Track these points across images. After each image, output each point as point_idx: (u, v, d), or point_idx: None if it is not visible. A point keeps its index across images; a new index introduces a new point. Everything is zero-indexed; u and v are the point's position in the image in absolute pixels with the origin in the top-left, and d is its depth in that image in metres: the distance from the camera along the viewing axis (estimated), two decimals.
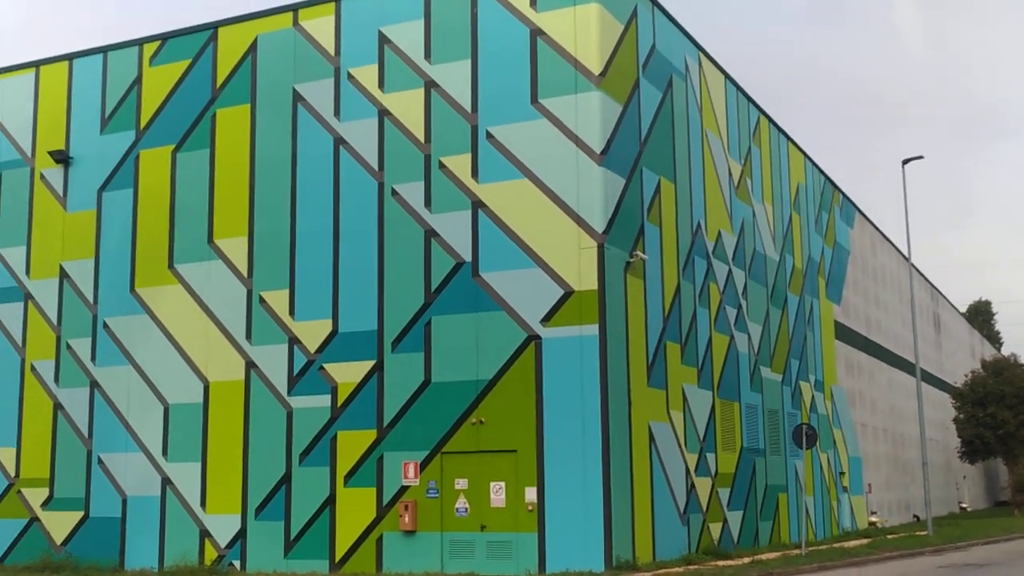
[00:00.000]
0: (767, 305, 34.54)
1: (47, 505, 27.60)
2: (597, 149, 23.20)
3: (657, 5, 27.14)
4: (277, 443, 25.09)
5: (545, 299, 23.06)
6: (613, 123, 23.91)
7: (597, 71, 23.45)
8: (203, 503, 25.70)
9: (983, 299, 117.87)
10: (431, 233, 24.31)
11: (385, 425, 24.08)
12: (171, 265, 27.14)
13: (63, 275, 28.46)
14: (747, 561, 24.82)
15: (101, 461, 27.10)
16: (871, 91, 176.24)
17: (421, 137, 24.78)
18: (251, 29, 27.18)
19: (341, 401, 24.63)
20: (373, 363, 24.41)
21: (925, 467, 39.18)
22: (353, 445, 24.30)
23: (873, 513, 45.00)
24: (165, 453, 26.36)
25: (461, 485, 23.24)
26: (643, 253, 24.71)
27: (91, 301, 27.99)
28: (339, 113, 25.78)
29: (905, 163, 40.49)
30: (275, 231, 26.04)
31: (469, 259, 23.86)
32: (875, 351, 50.19)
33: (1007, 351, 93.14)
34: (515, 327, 23.18)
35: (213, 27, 27.74)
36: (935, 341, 68.03)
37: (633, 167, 24.88)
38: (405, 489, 23.66)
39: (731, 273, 31.29)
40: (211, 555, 25.29)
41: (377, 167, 25.16)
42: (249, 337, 25.90)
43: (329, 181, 25.63)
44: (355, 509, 24.04)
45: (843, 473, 41.35)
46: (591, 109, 23.37)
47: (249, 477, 25.28)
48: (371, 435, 24.17)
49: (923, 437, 39.58)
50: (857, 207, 49.14)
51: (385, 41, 25.52)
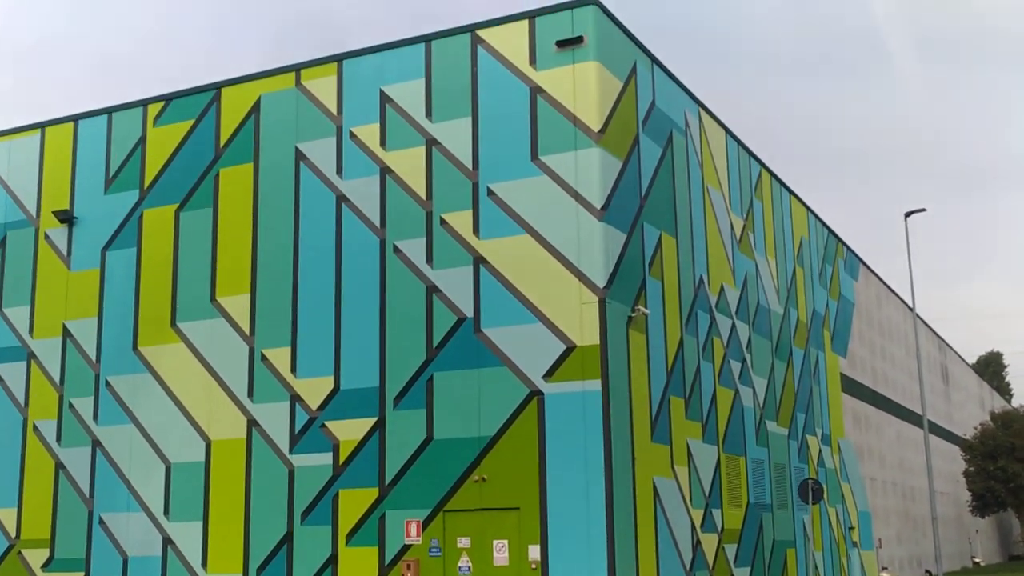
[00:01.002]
0: (772, 358, 34.42)
1: (48, 566, 27.39)
2: (597, 204, 23.28)
3: (656, 61, 27.37)
4: (279, 502, 24.93)
5: (547, 354, 23.01)
6: (613, 179, 24.02)
7: (597, 128, 23.61)
8: (204, 563, 25.49)
9: (994, 351, 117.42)
10: (432, 289, 24.35)
11: (387, 483, 23.94)
12: (174, 323, 27.19)
13: (66, 334, 28.51)
14: None
15: (102, 521, 26.94)
16: (874, 142, 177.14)
17: (423, 194, 24.91)
18: (254, 89, 27.47)
19: (343, 459, 24.52)
20: (375, 420, 24.33)
21: (935, 521, 38.82)
22: (355, 503, 24.14)
23: (884, 568, 44.45)
24: (167, 512, 26.20)
25: (464, 543, 23.03)
26: (645, 308, 24.69)
27: (94, 360, 28.01)
28: (341, 171, 25.94)
29: (908, 215, 40.65)
30: (277, 288, 26.10)
31: (471, 315, 23.86)
32: (883, 404, 49.90)
33: (1017, 402, 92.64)
34: (517, 383, 23.12)
35: (217, 87, 28.03)
36: (943, 393, 67.67)
37: (634, 222, 24.94)
38: (407, 548, 23.45)
39: (735, 327, 31.23)
40: None
41: (379, 224, 25.27)
42: (251, 395, 25.86)
43: (331, 238, 25.73)
44: (357, 568, 23.82)
45: (852, 528, 40.92)
46: (591, 165, 23.48)
47: (251, 536, 25.09)
48: (373, 493, 24.02)
49: (932, 491, 39.23)
50: (861, 259, 49.15)
51: (387, 100, 25.75)
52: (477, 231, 24.17)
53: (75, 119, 29.93)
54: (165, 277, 27.56)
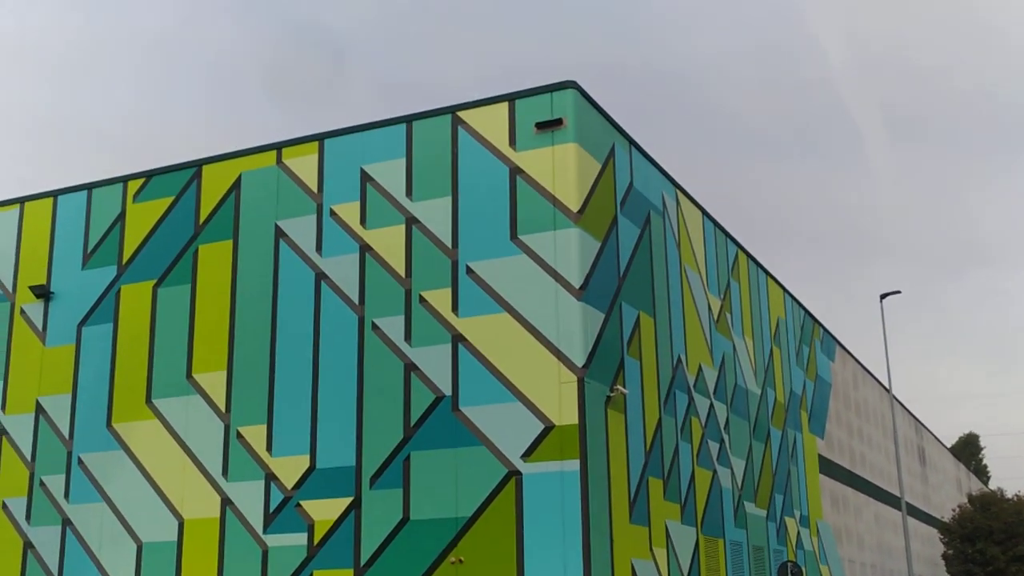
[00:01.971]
0: (750, 439, 34.36)
1: None
2: (576, 284, 23.39)
3: (633, 143, 27.74)
4: None
5: (525, 434, 22.90)
6: (592, 259, 24.16)
7: (575, 208, 23.81)
8: None
9: (972, 432, 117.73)
10: (411, 367, 24.28)
11: (363, 564, 23.60)
12: (148, 400, 26.95)
13: (39, 410, 28.19)
14: None
15: None
16: (848, 223, 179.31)
17: (402, 272, 24.97)
18: (235, 167, 27.61)
19: (318, 539, 24.18)
20: (351, 500, 24.06)
21: None
22: None
23: None
24: None
25: None
26: (624, 387, 24.67)
27: (67, 436, 27.67)
28: (321, 249, 26.00)
29: (883, 297, 40.98)
30: (254, 365, 25.96)
31: (449, 393, 23.77)
32: (860, 485, 49.77)
33: (995, 484, 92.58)
34: (495, 462, 22.96)
35: (198, 164, 28.17)
36: (921, 475, 67.62)
37: (612, 302, 25.04)
38: None
39: (713, 407, 31.22)
40: None
41: (358, 301, 25.27)
42: (225, 473, 25.56)
43: (309, 315, 25.69)
44: None
45: None
46: (570, 245, 23.64)
47: None
48: (348, 575, 23.64)
49: (911, 574, 38.97)
50: (838, 340, 49.40)
51: (367, 179, 25.92)
52: (456, 309, 24.20)
53: (54, 194, 29.95)
54: (141, 353, 27.38)
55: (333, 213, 26.09)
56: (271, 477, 25.01)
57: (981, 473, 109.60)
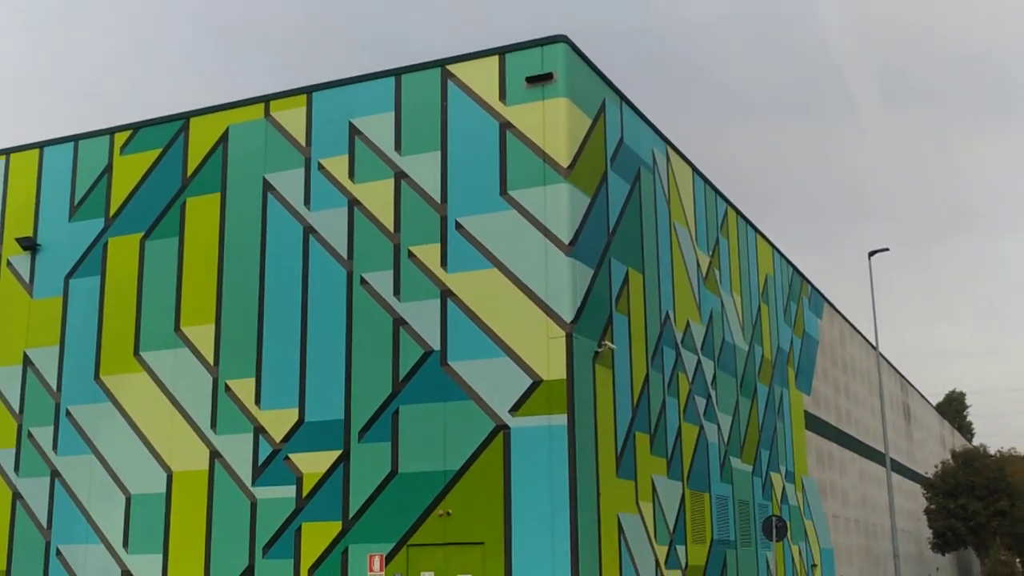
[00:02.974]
0: (737, 395, 34.56)
1: None
2: (565, 240, 23.38)
3: (624, 99, 27.60)
4: (240, 535, 24.66)
5: (513, 388, 22.99)
6: (581, 214, 24.13)
7: (565, 164, 23.74)
8: None
9: (957, 390, 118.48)
10: (399, 322, 24.30)
11: (351, 516, 23.75)
12: (136, 352, 26.94)
13: (27, 362, 28.16)
14: None
15: (60, 553, 26.52)
16: (839, 184, 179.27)
17: (390, 227, 24.91)
18: (223, 119, 27.41)
19: (306, 491, 24.31)
20: (339, 453, 24.16)
21: (897, 560, 38.99)
22: (318, 537, 23.92)
23: None
24: (126, 545, 25.84)
25: None
26: (612, 343, 24.75)
27: (54, 389, 27.67)
28: (309, 202, 25.91)
29: (871, 255, 41.09)
30: (242, 319, 25.95)
31: (438, 348, 23.81)
32: (846, 441, 50.18)
33: (978, 441, 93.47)
34: (483, 416, 23.07)
35: (185, 117, 27.95)
36: (905, 431, 68.18)
37: (601, 258, 25.04)
38: None
39: (700, 363, 31.35)
40: None
41: (346, 256, 25.22)
42: (214, 426, 25.63)
43: (298, 269, 25.64)
44: None
45: (815, 565, 41.00)
46: (559, 201, 23.60)
47: (211, 569, 24.76)
48: (336, 527, 23.81)
49: (894, 529, 39.46)
50: (826, 298, 49.57)
51: (356, 132, 25.78)
52: (445, 264, 24.18)
53: (40, 146, 29.72)
54: (129, 306, 27.33)
55: (321, 167, 25.97)
56: (260, 430, 25.09)
57: (965, 430, 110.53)
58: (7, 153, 30.16)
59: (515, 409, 22.85)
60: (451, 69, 25.09)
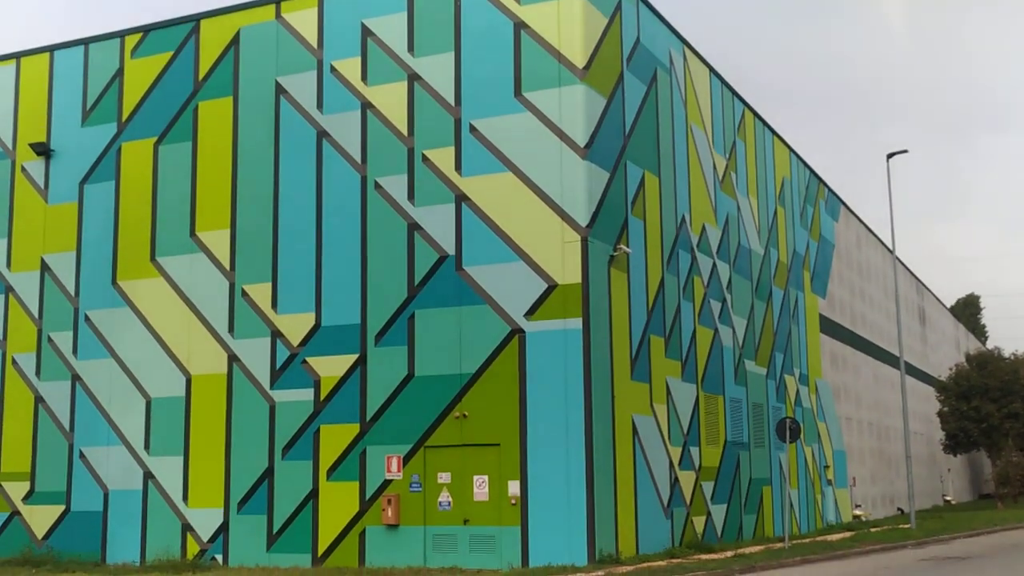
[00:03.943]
0: (752, 299, 34.57)
1: (28, 499, 27.46)
2: (581, 143, 23.16)
3: None
4: (260, 437, 25.01)
5: (529, 293, 23.02)
6: (597, 117, 23.86)
7: (581, 64, 23.40)
8: (185, 497, 25.61)
9: (972, 293, 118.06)
10: (414, 226, 24.24)
11: (368, 419, 24.03)
12: (153, 258, 27.02)
13: (44, 268, 28.30)
14: (730, 555, 24.85)
15: (83, 455, 26.98)
16: (857, 84, 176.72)
17: (404, 130, 24.70)
18: (233, 21, 27.05)
19: (324, 395, 24.57)
20: (356, 357, 24.35)
21: (909, 460, 39.32)
22: (336, 439, 24.25)
23: (857, 506, 45.13)
24: (147, 447, 26.25)
25: (444, 479, 23.21)
26: (627, 247, 24.69)
27: (72, 294, 27.85)
28: (322, 106, 25.67)
29: (890, 157, 40.56)
30: (258, 224, 25.94)
31: (453, 252, 23.80)
32: (860, 345, 50.31)
33: (992, 344, 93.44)
34: (499, 321, 23.15)
35: (195, 19, 27.59)
36: (920, 335, 68.26)
37: (617, 161, 24.83)
38: (388, 483, 23.61)
39: (715, 267, 31.30)
40: (193, 549, 25.21)
41: (360, 160, 25.08)
42: (232, 331, 25.81)
43: (312, 174, 25.53)
44: (338, 503, 23.99)
45: (827, 467, 41.46)
46: (575, 102, 23.32)
47: (231, 471, 25.20)
48: (354, 429, 24.12)
49: (907, 430, 39.72)
50: (842, 201, 49.23)
51: (368, 34, 25.41)
52: (459, 168, 24.03)
53: (51, 50, 29.43)
54: (144, 211, 27.33)
55: (334, 69, 25.67)
56: (277, 334, 25.26)
57: (979, 333, 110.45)
58: (17, 57, 29.89)
59: (530, 313, 22.90)
60: None
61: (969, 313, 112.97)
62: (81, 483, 26.88)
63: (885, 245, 57.78)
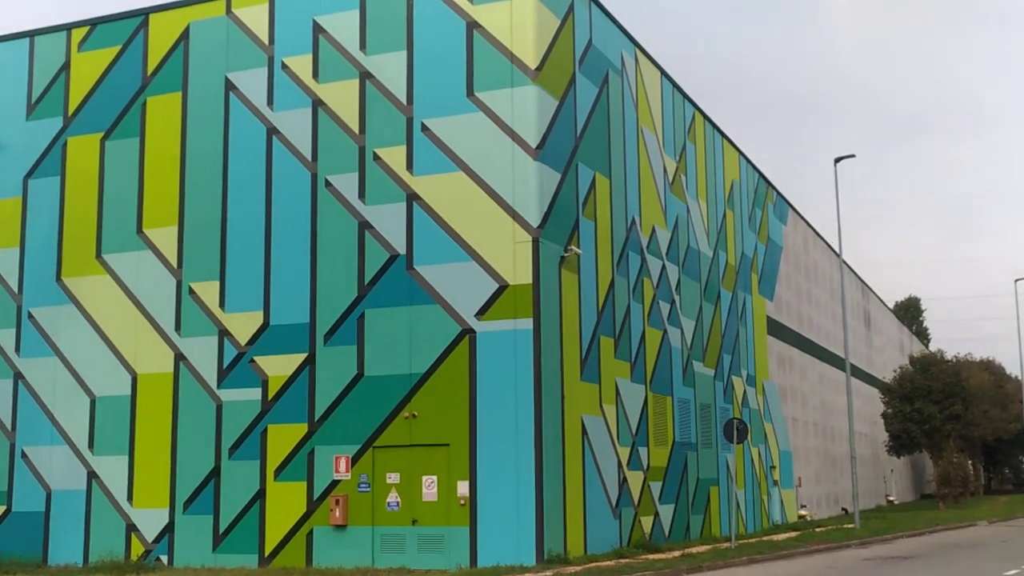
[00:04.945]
0: (700, 300, 34.83)
1: None
2: (533, 143, 23.19)
3: (594, 0, 27.17)
4: (206, 436, 24.76)
5: (480, 293, 23.02)
6: (549, 118, 23.91)
7: (533, 65, 23.43)
8: (130, 497, 25.28)
9: (912, 296, 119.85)
10: (365, 225, 24.14)
11: (316, 419, 23.88)
12: (99, 255, 26.65)
13: None
14: (677, 554, 25.02)
15: (25, 454, 26.53)
16: (806, 88, 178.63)
17: (356, 128, 24.59)
18: (183, 16, 26.76)
19: (272, 394, 24.38)
20: (305, 356, 24.19)
21: (853, 461, 39.81)
22: (284, 439, 24.07)
23: (803, 506, 45.64)
24: (91, 446, 25.88)
25: (393, 479, 23.13)
26: (578, 248, 24.76)
27: (16, 291, 27.38)
28: (272, 103, 25.48)
29: (837, 161, 41.06)
30: (206, 221, 25.68)
31: (403, 252, 23.73)
32: (806, 347, 50.89)
33: (934, 347, 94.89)
34: (449, 320, 23.11)
35: (144, 13, 27.25)
36: (865, 337, 69.17)
37: (569, 162, 24.90)
38: (336, 483, 23.48)
39: (665, 268, 31.50)
40: (138, 550, 24.90)
41: (311, 158, 24.92)
42: (178, 329, 25.53)
43: (261, 171, 25.33)
44: (285, 503, 23.82)
45: (774, 467, 41.88)
46: (527, 103, 23.35)
47: (177, 471, 24.92)
48: (302, 429, 23.95)
49: (852, 432, 40.23)
50: (790, 204, 49.75)
51: (320, 31, 25.26)
52: (411, 167, 23.96)
53: None
54: (90, 207, 26.94)
55: (285, 66, 25.48)
56: (224, 333, 25.02)
57: (922, 336, 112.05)
58: None
59: (481, 313, 22.90)
60: None
61: (911, 316, 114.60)
62: (23, 483, 26.43)
63: (832, 248, 58.47)
